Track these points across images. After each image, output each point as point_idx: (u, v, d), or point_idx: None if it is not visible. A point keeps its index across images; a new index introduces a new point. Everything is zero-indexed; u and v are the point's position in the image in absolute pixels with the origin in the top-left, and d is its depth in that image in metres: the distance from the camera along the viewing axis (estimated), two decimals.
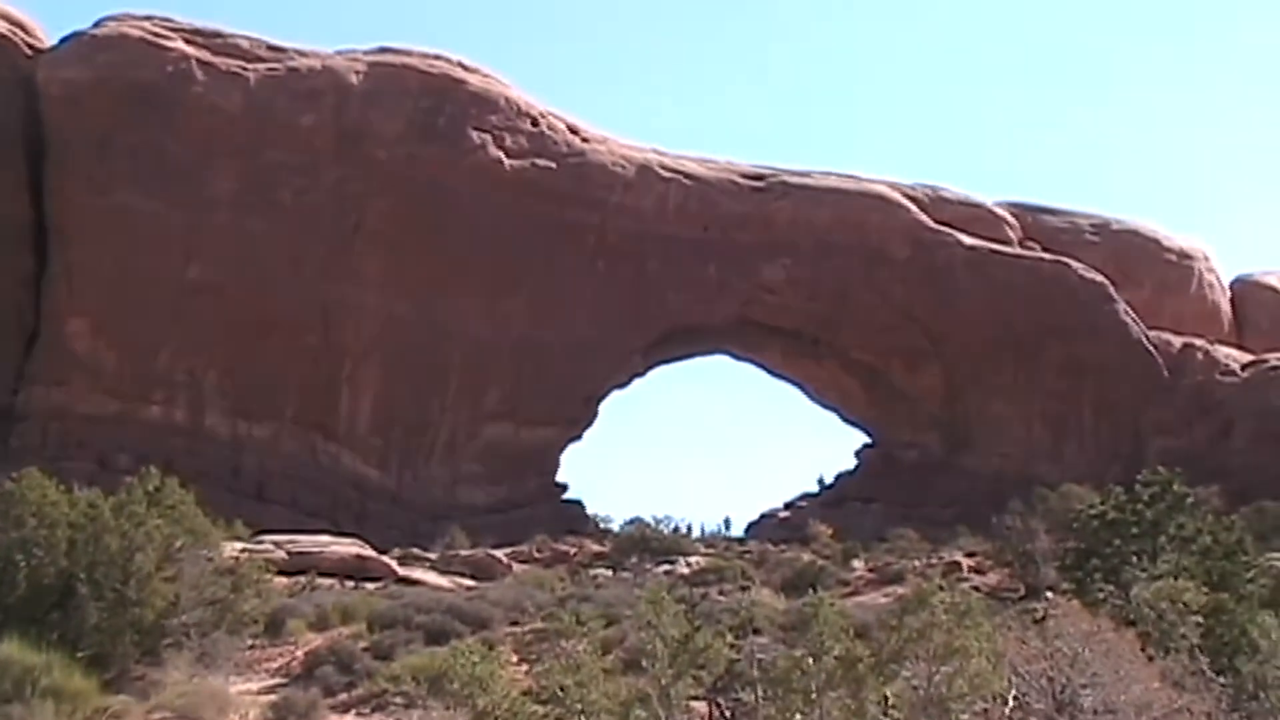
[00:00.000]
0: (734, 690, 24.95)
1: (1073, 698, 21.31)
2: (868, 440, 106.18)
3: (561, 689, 20.08)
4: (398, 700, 34.87)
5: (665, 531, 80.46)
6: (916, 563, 62.32)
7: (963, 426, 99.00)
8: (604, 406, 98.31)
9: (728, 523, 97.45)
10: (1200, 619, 28.06)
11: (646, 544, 74.68)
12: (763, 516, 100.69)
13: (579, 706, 19.61)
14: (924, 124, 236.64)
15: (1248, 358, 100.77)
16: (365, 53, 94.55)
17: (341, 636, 43.90)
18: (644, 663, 22.07)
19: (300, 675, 39.63)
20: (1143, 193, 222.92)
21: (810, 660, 20.08)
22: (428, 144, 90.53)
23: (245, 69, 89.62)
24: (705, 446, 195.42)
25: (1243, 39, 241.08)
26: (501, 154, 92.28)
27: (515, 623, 46.13)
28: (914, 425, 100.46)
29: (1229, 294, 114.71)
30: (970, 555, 66.87)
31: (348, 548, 64.11)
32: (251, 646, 41.92)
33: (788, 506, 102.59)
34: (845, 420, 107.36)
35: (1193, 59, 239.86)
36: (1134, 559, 36.89)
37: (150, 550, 36.58)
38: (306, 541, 63.38)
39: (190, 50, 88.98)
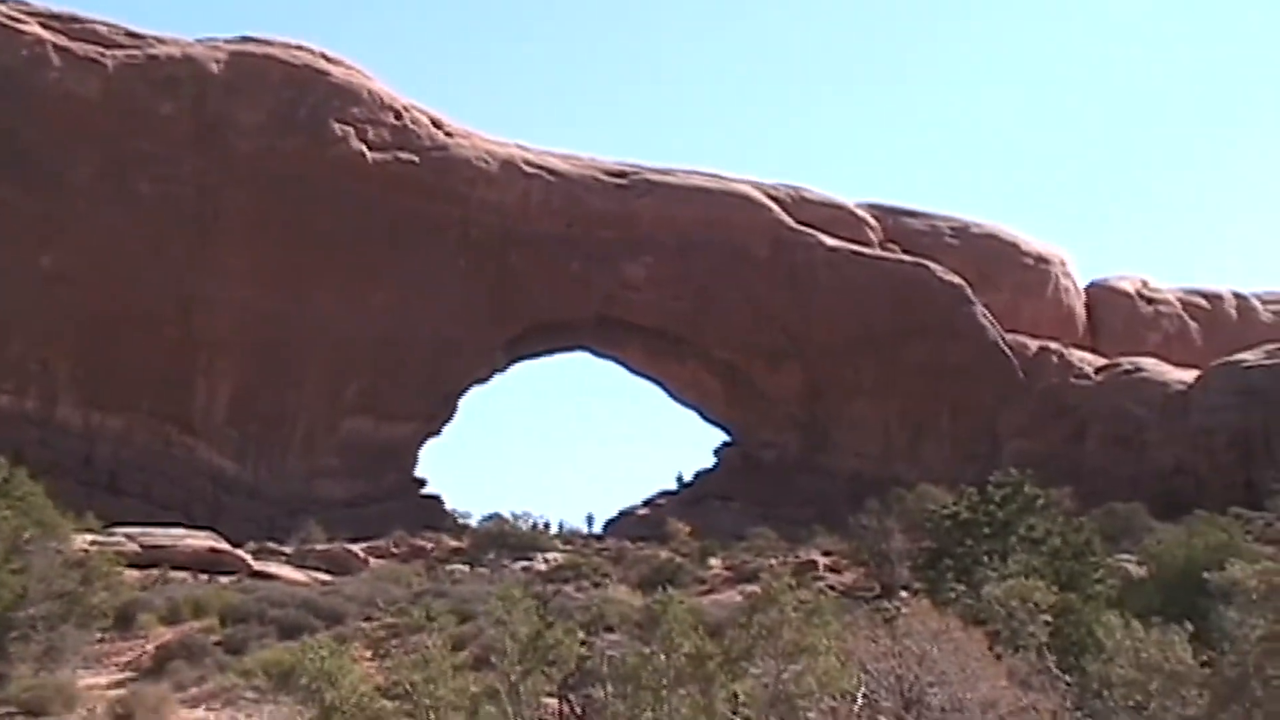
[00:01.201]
0: (585, 687, 24.91)
1: (920, 695, 21.45)
2: (727, 439, 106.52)
3: (411, 685, 19.93)
4: (249, 695, 34.60)
5: (523, 528, 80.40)
6: (773, 561, 62.55)
7: (822, 426, 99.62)
8: (464, 402, 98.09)
9: (590, 520, 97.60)
10: (1048, 618, 28.37)
11: (504, 540, 74.68)
12: (622, 514, 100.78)
13: (427, 703, 19.48)
14: (788, 124, 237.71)
15: (1101, 361, 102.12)
16: (226, 42, 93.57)
17: (193, 630, 43.57)
18: (494, 659, 22.00)
19: (150, 669, 39.29)
20: (1002, 197, 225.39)
21: (660, 657, 20.05)
22: (289, 135, 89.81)
23: (103, 55, 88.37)
24: (566, 443, 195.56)
25: (1103, 49, 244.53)
26: (364, 147, 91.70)
27: (370, 618, 45.93)
28: (774, 424, 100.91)
29: (1084, 298, 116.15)
30: (827, 554, 67.32)
31: (202, 541, 63.60)
32: (101, 640, 41.59)
33: (647, 504, 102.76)
34: (705, 419, 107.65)
35: (1051, 66, 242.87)
36: (985, 559, 37.22)
37: None
38: (160, 534, 62.80)
39: (46, 35, 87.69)
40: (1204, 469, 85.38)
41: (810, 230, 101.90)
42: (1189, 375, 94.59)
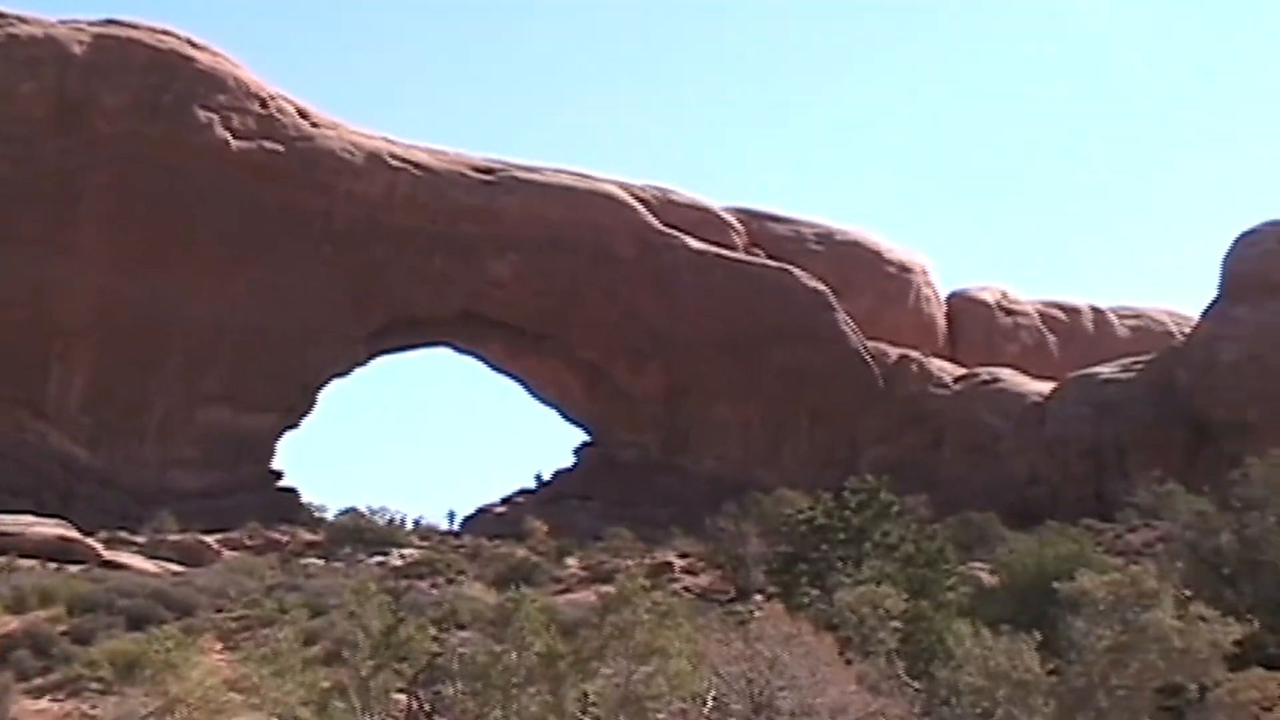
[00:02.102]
0: (435, 684, 24.81)
1: (770, 699, 21.56)
2: (587, 439, 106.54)
3: (258, 678, 19.76)
4: (94, 686, 34.21)
5: (380, 522, 79.95)
6: (630, 562, 62.62)
7: (682, 428, 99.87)
8: (324, 395, 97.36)
9: (452, 516, 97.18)
10: (899, 625, 28.60)
11: (360, 534, 74.32)
12: (479, 511, 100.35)
13: (274, 697, 19.31)
14: (655, 125, 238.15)
15: (960, 371, 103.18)
16: (90, 23, 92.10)
17: (39, 620, 42.98)
18: (345, 654, 21.88)
19: None
20: (865, 204, 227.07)
21: (511, 655, 20.01)
22: (153, 120, 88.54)
23: None
24: (426, 439, 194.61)
25: (964, 58, 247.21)
26: (228, 134, 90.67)
27: (221, 610, 45.50)
28: (634, 425, 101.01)
29: (945, 308, 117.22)
30: (684, 556, 67.49)
31: (51, 529, 62.74)
32: None
33: (505, 502, 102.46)
34: (566, 418, 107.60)
35: (915, 74, 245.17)
36: (840, 564, 37.51)
37: None
38: (7, 521, 62.01)
39: None
40: (1058, 480, 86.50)
41: (675, 232, 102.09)
42: (1046, 387, 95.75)
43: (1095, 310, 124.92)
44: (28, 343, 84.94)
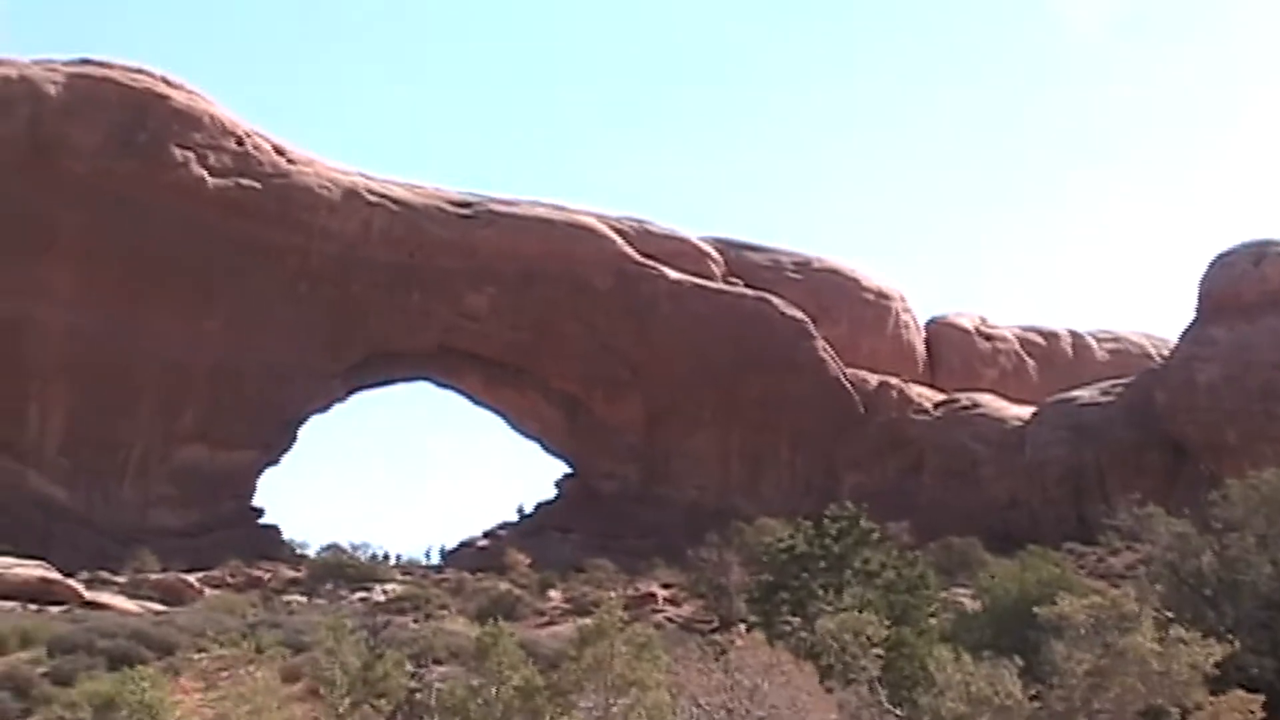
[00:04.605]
0: (414, 719, 24.69)
1: None
2: (568, 470, 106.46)
3: (235, 718, 19.63)
4: None
5: (362, 558, 79.94)
6: (612, 594, 62.49)
7: (662, 458, 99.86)
8: (303, 430, 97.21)
9: (431, 552, 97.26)
10: (881, 652, 28.50)
11: (342, 571, 74.25)
12: (461, 545, 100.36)
13: None
14: (633, 157, 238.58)
15: (939, 397, 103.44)
16: (65, 64, 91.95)
17: (19, 661, 42.73)
18: (323, 690, 21.74)
19: None
20: (842, 234, 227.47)
21: (489, 690, 19.92)
22: (127, 159, 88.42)
23: None
24: (407, 474, 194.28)
25: (937, 89, 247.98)
26: (204, 172, 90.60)
27: (202, 649, 45.25)
28: (614, 456, 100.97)
29: (923, 334, 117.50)
30: (666, 586, 67.62)
31: (31, 570, 62.42)
32: None
33: (487, 535, 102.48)
34: (546, 450, 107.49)
35: (891, 105, 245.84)
36: (820, 592, 37.34)
37: None
38: None
39: None
40: (1038, 503, 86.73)
41: (653, 263, 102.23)
42: (1025, 411, 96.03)
43: (1073, 334, 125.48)
44: (3, 384, 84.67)
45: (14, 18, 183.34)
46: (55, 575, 62.71)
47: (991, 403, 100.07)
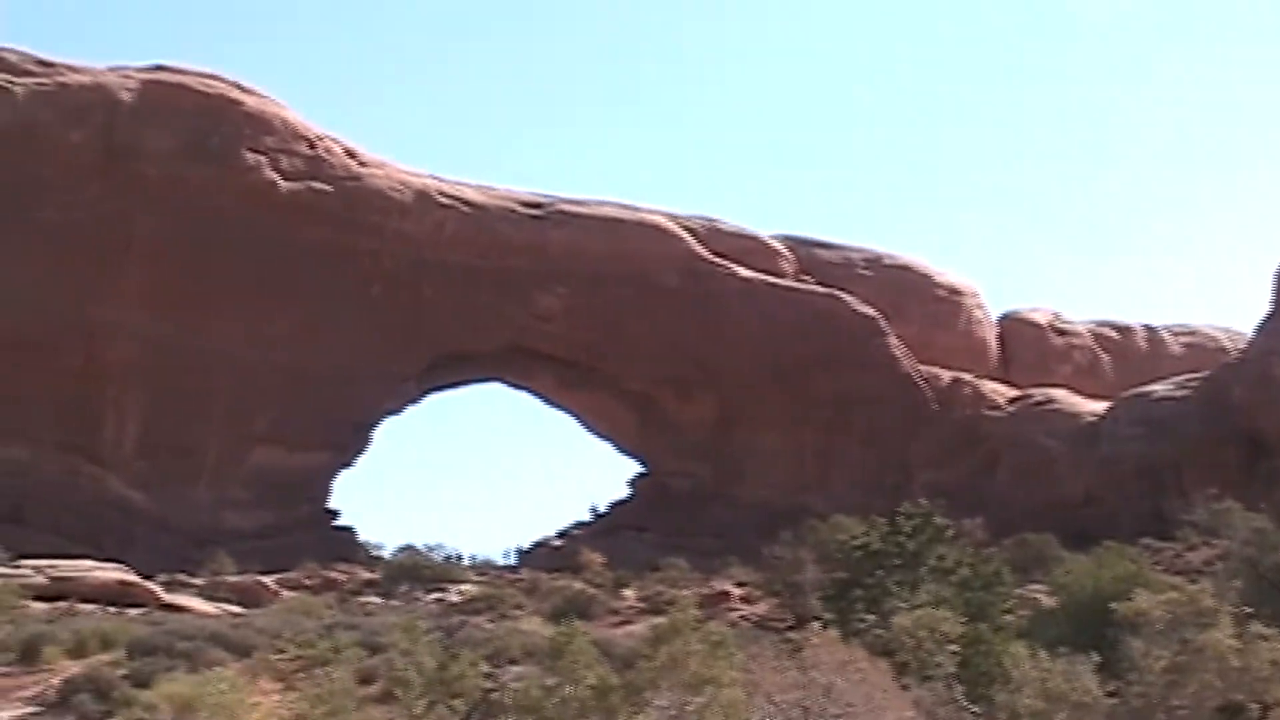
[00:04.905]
0: (490, 718, 24.76)
1: None
2: (641, 470, 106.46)
3: (312, 719, 19.76)
4: None
5: (437, 559, 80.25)
6: (686, 592, 62.48)
7: (734, 457, 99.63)
8: (378, 432, 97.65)
9: (513, 552, 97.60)
10: (957, 649, 28.40)
11: (418, 572, 74.45)
12: (536, 545, 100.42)
13: None
14: (703, 155, 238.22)
15: (1013, 393, 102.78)
16: (139, 70, 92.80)
17: (100, 663, 43.08)
18: (398, 691, 21.85)
19: (55, 703, 38.88)
20: (914, 230, 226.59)
21: (565, 689, 19.96)
22: (200, 164, 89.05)
23: (13, 83, 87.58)
24: (482, 474, 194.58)
25: (1011, 84, 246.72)
26: (276, 176, 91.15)
27: (280, 650, 45.53)
28: (686, 455, 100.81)
29: (996, 330, 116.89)
30: (740, 585, 67.41)
31: (110, 573, 62.91)
32: (5, 674, 41.10)
33: (561, 535, 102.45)
34: (619, 450, 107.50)
35: (963, 102, 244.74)
36: (895, 589, 37.28)
37: None
38: (67, 566, 62.09)
39: None
40: (1114, 500, 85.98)
41: (723, 261, 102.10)
42: (1100, 406, 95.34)
43: (1148, 329, 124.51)
44: (81, 388, 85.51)
45: (15, 16, 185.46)
46: (134, 578, 63.18)
47: (1065, 398, 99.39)
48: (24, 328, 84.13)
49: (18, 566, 58.57)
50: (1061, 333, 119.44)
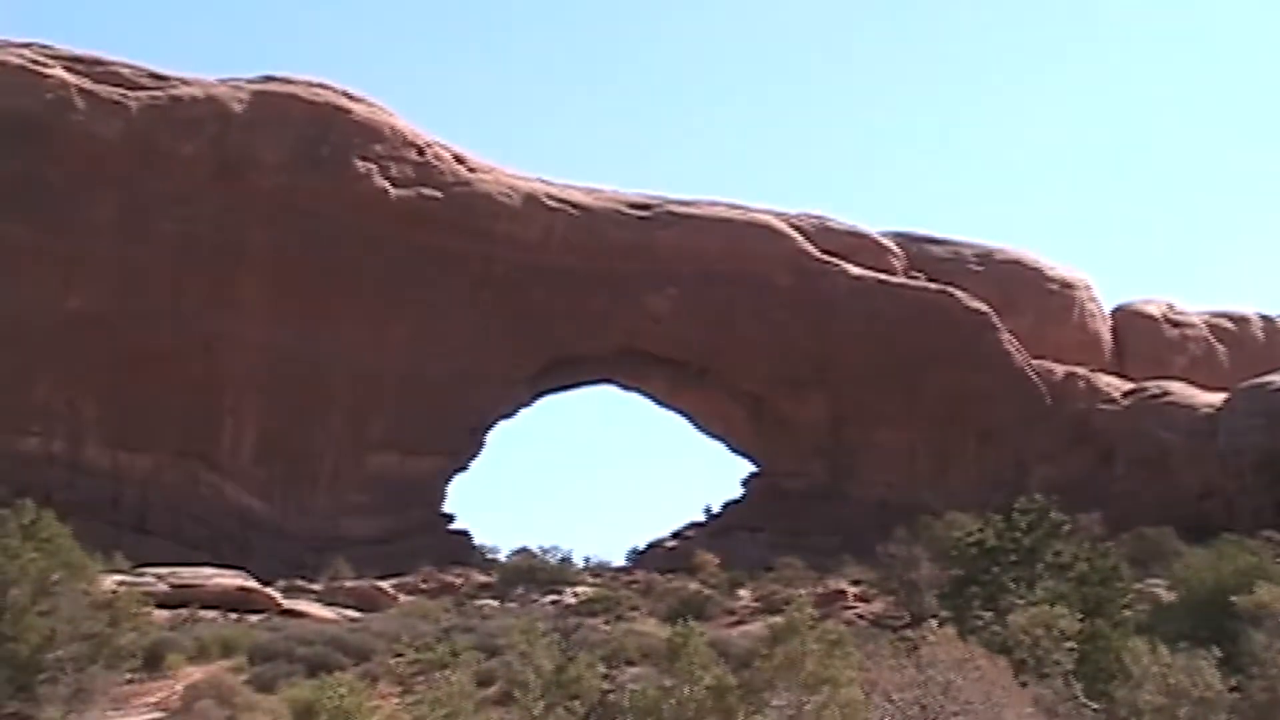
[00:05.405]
0: None
1: None
2: (754, 469, 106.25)
3: None
4: None
5: (552, 561, 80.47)
6: (802, 591, 62.39)
7: (848, 455, 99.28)
8: (491, 436, 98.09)
9: (627, 554, 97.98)
10: (1075, 645, 28.20)
11: (533, 574, 74.72)
12: (650, 546, 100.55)
13: None
14: (811, 153, 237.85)
15: (1128, 386, 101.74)
16: (249, 81, 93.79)
17: (222, 669, 43.54)
18: (516, 694, 21.95)
19: (179, 710, 39.29)
20: (1024, 223, 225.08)
21: (681, 690, 20.00)
22: (311, 173, 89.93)
23: (127, 97, 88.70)
24: (594, 476, 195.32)
25: (1124, 78, 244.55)
26: (386, 183, 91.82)
27: (398, 654, 45.85)
28: (799, 454, 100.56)
29: (1110, 323, 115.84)
30: (855, 583, 67.31)
31: (230, 580, 63.61)
32: (129, 681, 41.51)
33: (675, 536, 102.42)
34: (732, 450, 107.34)
35: (1072, 91, 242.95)
36: (1012, 586, 37.05)
37: (25, 584, 36.13)
38: (188, 574, 62.86)
39: (70, 78, 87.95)
40: (1233, 492, 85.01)
41: (834, 259, 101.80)
42: (1216, 398, 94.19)
43: (1264, 319, 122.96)
44: (200, 397, 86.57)
45: (127, 30, 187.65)
46: (253, 584, 63.87)
47: (1182, 390, 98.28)
48: (147, 340, 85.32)
49: (140, 574, 59.23)
50: (1176, 324, 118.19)
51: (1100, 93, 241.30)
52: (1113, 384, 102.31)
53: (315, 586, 71.52)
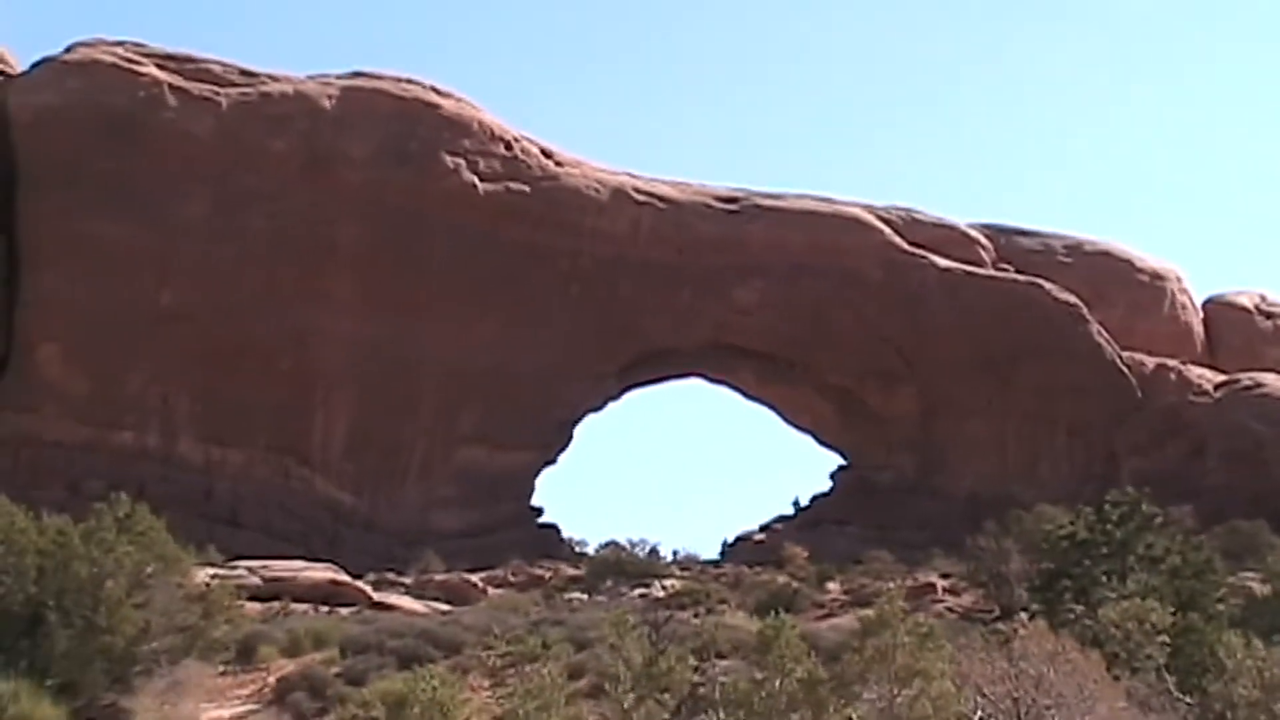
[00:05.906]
0: (698, 713, 24.88)
1: (1038, 718, 21.29)
2: (843, 462, 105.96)
3: (523, 714, 20.00)
4: None
5: (640, 554, 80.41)
6: (892, 585, 62.22)
7: (937, 448, 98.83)
8: (579, 430, 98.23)
9: (716, 547, 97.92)
10: (1168, 639, 28.04)
11: (621, 567, 74.61)
12: (738, 539, 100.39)
13: None
14: (899, 145, 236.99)
15: (1220, 378, 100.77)
16: (338, 77, 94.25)
17: (314, 662, 43.86)
18: (607, 686, 22.05)
19: (272, 701, 39.72)
20: (1114, 215, 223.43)
21: (773, 683, 20.04)
22: (399, 168, 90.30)
23: (217, 94, 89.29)
24: (682, 470, 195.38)
25: (1215, 66, 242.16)
26: (474, 178, 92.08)
27: (489, 647, 46.04)
28: (888, 447, 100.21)
29: (1201, 314, 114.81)
30: (945, 577, 67.00)
31: (321, 573, 64.06)
32: (223, 673, 41.94)
33: (763, 529, 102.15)
34: (820, 443, 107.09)
35: (1163, 84, 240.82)
36: (1104, 579, 36.92)
37: (120, 577, 36.54)
38: (280, 567, 63.35)
39: (162, 76, 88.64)
40: None
41: (922, 252, 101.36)
42: None
43: None
44: (291, 392, 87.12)
45: (288, 35, 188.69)
46: (344, 577, 64.32)
47: (1275, 382, 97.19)
48: (239, 335, 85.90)
49: (233, 567, 59.81)
50: (1269, 315, 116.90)
51: (1192, 81, 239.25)
52: (1204, 376, 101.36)
53: (405, 580, 71.81)
